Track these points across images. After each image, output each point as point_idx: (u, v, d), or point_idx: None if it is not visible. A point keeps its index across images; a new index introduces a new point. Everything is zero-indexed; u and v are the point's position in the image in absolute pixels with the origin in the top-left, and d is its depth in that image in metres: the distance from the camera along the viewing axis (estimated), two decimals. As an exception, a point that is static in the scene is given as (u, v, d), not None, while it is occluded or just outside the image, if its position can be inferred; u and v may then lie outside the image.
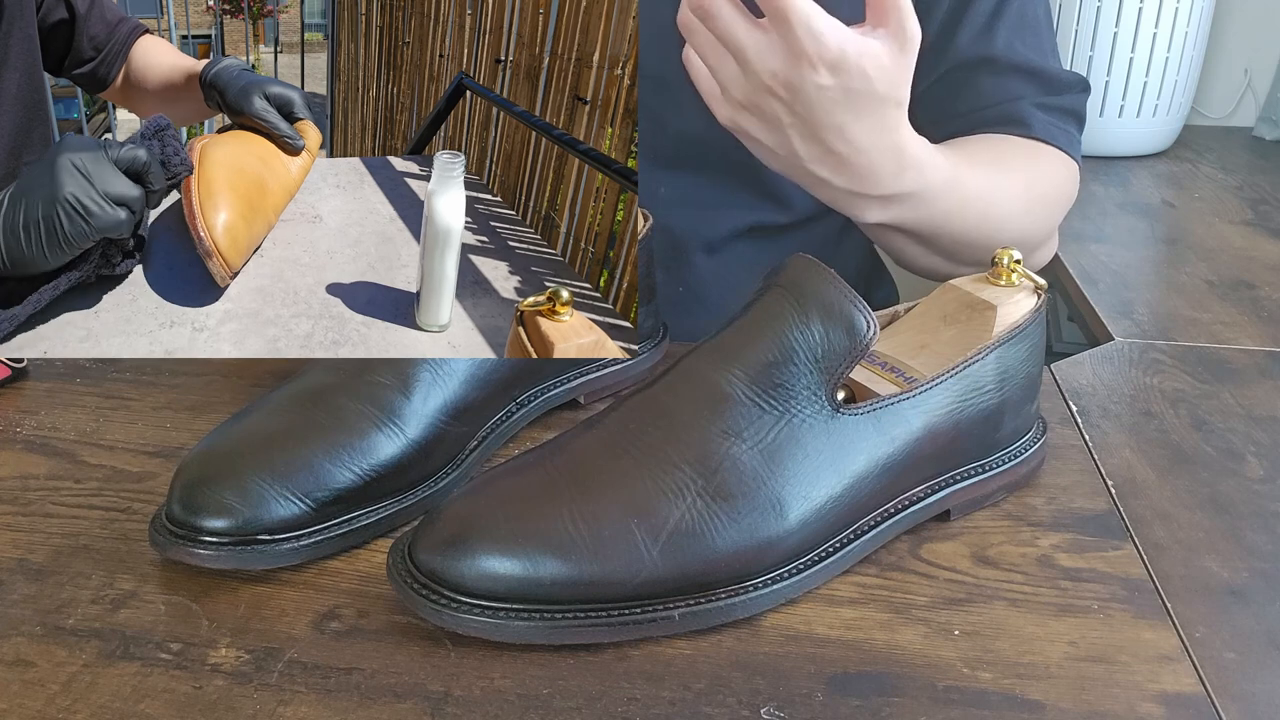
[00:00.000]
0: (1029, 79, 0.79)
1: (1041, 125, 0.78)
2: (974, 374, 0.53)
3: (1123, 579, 0.51)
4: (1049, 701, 0.44)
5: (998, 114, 0.79)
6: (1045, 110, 0.79)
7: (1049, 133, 0.79)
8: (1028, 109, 0.79)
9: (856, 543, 0.50)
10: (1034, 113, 0.79)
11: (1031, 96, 0.79)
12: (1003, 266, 0.57)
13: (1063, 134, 0.80)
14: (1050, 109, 0.80)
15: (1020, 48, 0.79)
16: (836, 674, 0.45)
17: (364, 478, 0.52)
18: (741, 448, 0.47)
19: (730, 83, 0.59)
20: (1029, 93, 0.79)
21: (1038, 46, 0.80)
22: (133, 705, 0.43)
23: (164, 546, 0.50)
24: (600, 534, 0.45)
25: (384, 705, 0.43)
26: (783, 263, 0.52)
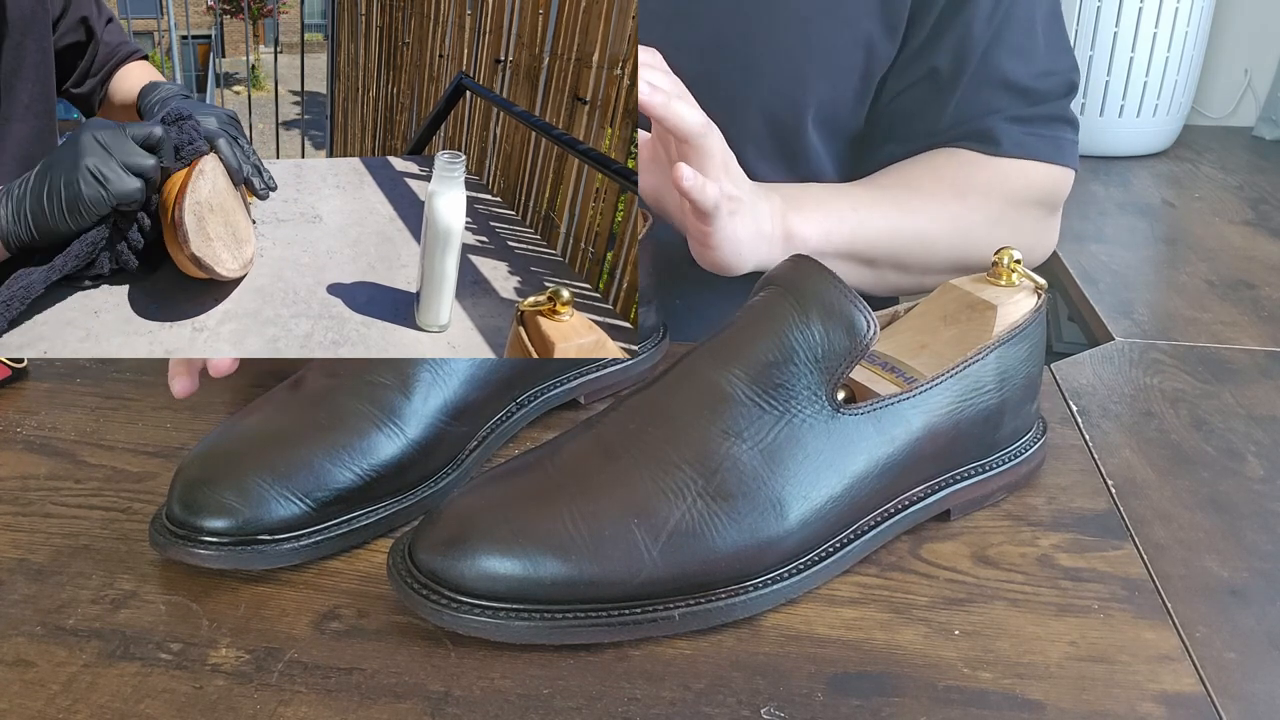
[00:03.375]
0: (1006, 92, 0.78)
1: (1013, 141, 0.78)
2: (974, 374, 0.53)
3: (1123, 579, 0.51)
4: (1049, 701, 0.44)
5: (967, 130, 0.79)
6: (1023, 123, 0.79)
7: (1021, 147, 0.78)
8: (999, 124, 0.78)
9: (856, 543, 0.50)
10: (1006, 128, 0.78)
11: (1008, 110, 0.78)
12: (1003, 266, 0.57)
13: (1046, 143, 0.79)
14: (1030, 120, 0.79)
15: (1003, 57, 0.77)
16: (836, 674, 0.45)
17: (364, 478, 0.52)
18: (742, 448, 0.47)
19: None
20: (1005, 106, 0.78)
21: (1026, 50, 0.78)
22: (133, 705, 0.43)
23: (164, 546, 0.50)
24: (600, 534, 0.45)
25: (384, 705, 0.43)
26: (782, 263, 0.52)
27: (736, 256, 0.66)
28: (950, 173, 0.78)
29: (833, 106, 0.80)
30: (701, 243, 0.65)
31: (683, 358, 0.51)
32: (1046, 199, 0.81)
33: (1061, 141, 0.80)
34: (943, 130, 0.79)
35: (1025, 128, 0.79)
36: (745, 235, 0.65)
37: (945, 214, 0.76)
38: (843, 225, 0.72)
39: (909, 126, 0.81)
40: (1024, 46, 0.78)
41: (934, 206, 0.76)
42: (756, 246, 0.67)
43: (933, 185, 0.77)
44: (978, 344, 0.54)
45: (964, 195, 0.77)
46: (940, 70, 0.78)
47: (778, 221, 0.69)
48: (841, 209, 0.72)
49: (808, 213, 0.70)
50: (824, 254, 0.71)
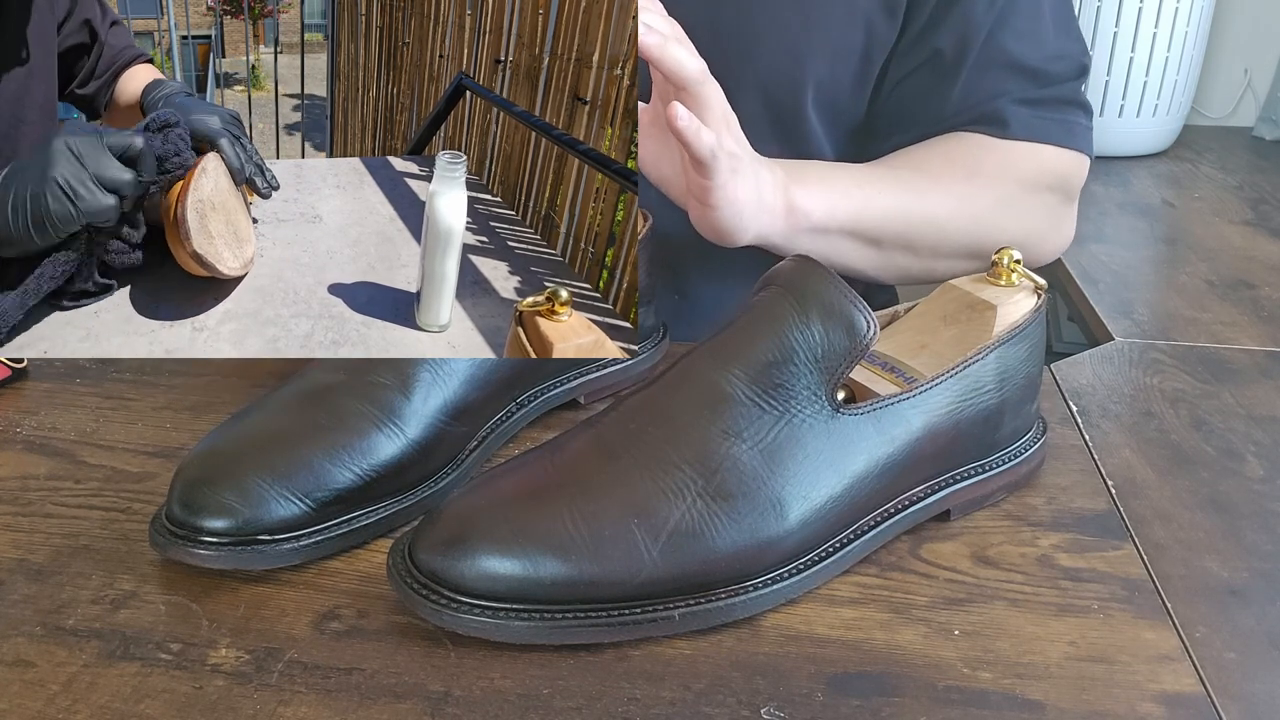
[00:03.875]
0: (1014, 74, 0.77)
1: (1022, 124, 0.77)
2: (974, 374, 0.53)
3: (1123, 579, 0.51)
4: (1049, 701, 0.44)
5: (975, 114, 0.78)
6: (1033, 105, 0.77)
7: (1031, 129, 0.77)
8: (1008, 106, 0.77)
9: (856, 543, 0.50)
10: (1015, 110, 0.77)
11: (1016, 92, 0.77)
12: (1003, 266, 0.57)
13: (1056, 125, 0.78)
14: (1040, 103, 0.78)
15: (1009, 39, 0.76)
16: (836, 674, 0.45)
17: (364, 478, 0.52)
18: (741, 448, 0.47)
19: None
20: (1013, 88, 0.77)
21: (1032, 32, 0.77)
22: (133, 705, 0.43)
23: (164, 546, 0.50)
24: (600, 534, 0.45)
25: (384, 705, 0.43)
26: (782, 263, 0.52)
27: (737, 219, 0.65)
28: (959, 155, 0.77)
29: (832, 89, 0.79)
30: (701, 200, 0.64)
31: (683, 358, 0.51)
32: (1060, 185, 0.80)
33: (1073, 125, 0.79)
34: (949, 116, 0.78)
35: (1034, 110, 0.77)
36: (746, 198, 0.64)
37: (954, 195, 0.75)
38: (847, 201, 0.71)
39: (914, 114, 0.80)
40: (1030, 29, 0.77)
41: (942, 188, 0.75)
42: (758, 215, 0.66)
43: (941, 167, 0.76)
44: (978, 344, 0.54)
45: (973, 177, 0.76)
46: (943, 53, 0.77)
47: (780, 193, 0.67)
48: (846, 185, 0.71)
49: (811, 186, 0.69)
50: (828, 230, 0.70)
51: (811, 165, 0.73)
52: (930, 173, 0.76)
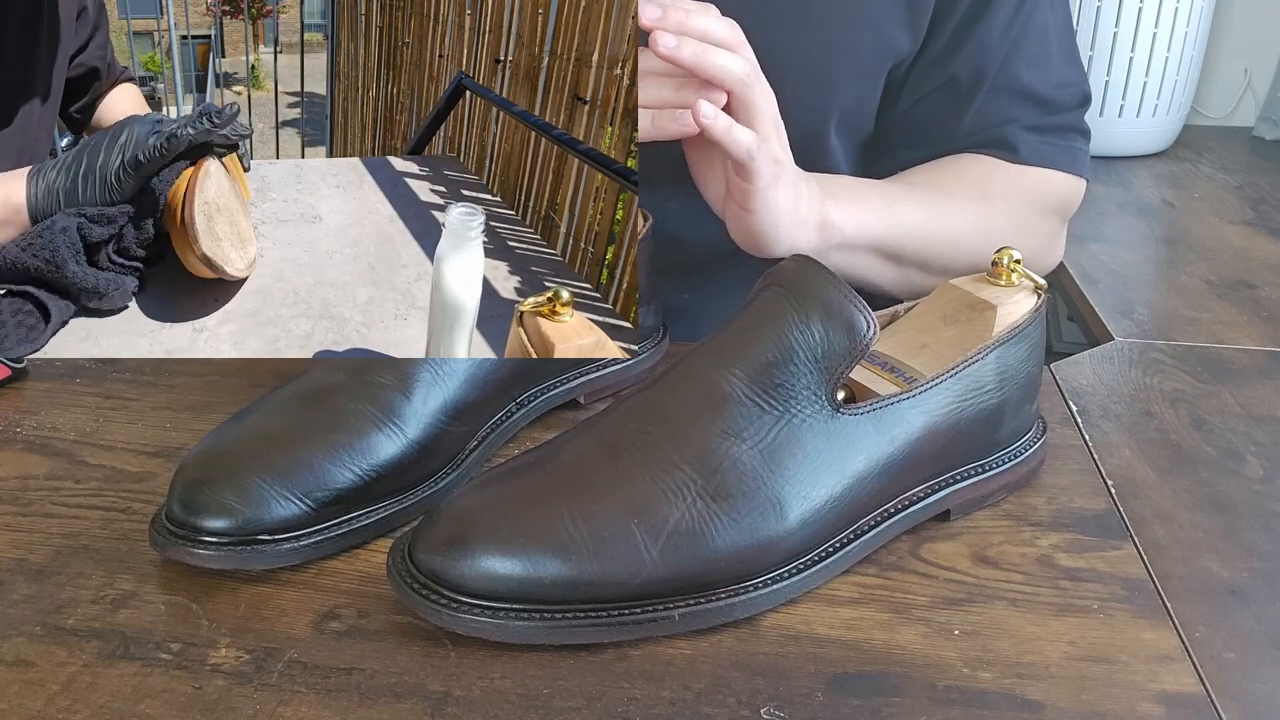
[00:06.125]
0: (1024, 101, 0.79)
1: (1031, 149, 0.78)
2: (974, 374, 0.53)
3: (1123, 579, 0.51)
4: (1049, 701, 0.44)
5: (985, 138, 0.79)
6: (1040, 132, 0.79)
7: (1039, 155, 0.79)
8: (1017, 132, 0.78)
9: (856, 543, 0.50)
10: (1024, 136, 0.78)
11: (1025, 119, 0.79)
12: (1003, 266, 0.57)
13: (1062, 152, 0.80)
14: (1046, 129, 0.79)
15: (1022, 67, 0.78)
16: (836, 674, 0.45)
17: (364, 478, 0.52)
18: (741, 448, 0.47)
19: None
20: (1023, 115, 0.79)
21: (1042, 61, 0.79)
22: (133, 705, 0.43)
23: (164, 546, 0.50)
24: (600, 534, 0.45)
25: (384, 705, 0.43)
26: (782, 262, 0.52)
27: (774, 228, 0.64)
28: (972, 176, 0.78)
29: (857, 114, 0.80)
30: (741, 204, 0.63)
31: (683, 358, 0.51)
32: (1061, 208, 0.82)
33: (1077, 151, 0.81)
34: (960, 138, 0.80)
35: (1042, 137, 0.79)
36: (785, 207, 0.64)
37: (971, 215, 0.76)
38: (876, 219, 0.71)
39: (927, 133, 0.81)
40: (1040, 57, 0.79)
41: (960, 207, 0.76)
42: (793, 228, 0.66)
43: (957, 187, 0.77)
44: (978, 344, 0.54)
45: (987, 199, 0.77)
46: (959, 79, 0.78)
47: (815, 207, 0.67)
48: (875, 203, 0.72)
49: (844, 204, 0.69)
50: (856, 246, 0.70)
51: (842, 181, 0.74)
52: (948, 191, 0.77)
